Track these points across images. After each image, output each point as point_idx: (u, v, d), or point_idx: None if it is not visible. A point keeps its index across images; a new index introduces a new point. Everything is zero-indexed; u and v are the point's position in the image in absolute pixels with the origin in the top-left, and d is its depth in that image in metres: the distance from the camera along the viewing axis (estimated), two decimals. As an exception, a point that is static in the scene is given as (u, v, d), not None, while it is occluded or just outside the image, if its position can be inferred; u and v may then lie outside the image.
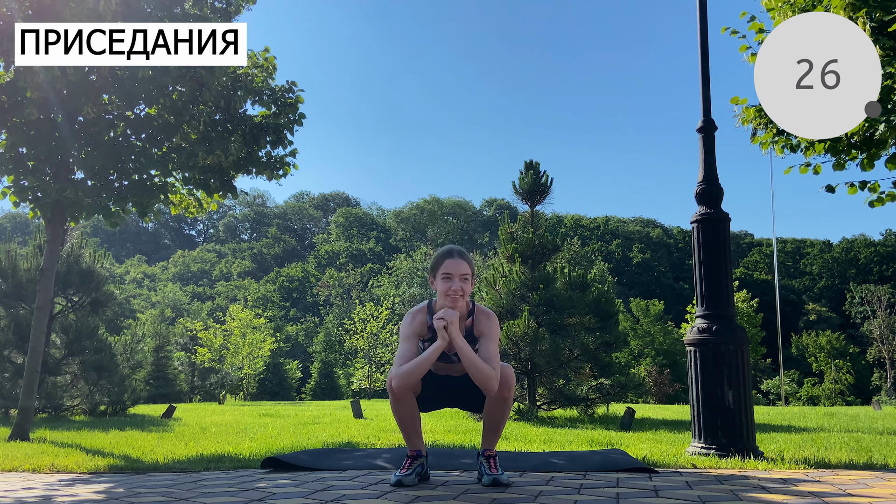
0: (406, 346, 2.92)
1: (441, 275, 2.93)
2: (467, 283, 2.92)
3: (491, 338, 2.93)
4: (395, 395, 2.88)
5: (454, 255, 2.95)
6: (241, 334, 32.08)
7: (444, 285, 2.92)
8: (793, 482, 3.03)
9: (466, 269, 2.92)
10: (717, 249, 4.29)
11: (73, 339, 10.34)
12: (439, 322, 2.83)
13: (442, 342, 2.83)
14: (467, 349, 2.83)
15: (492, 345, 2.91)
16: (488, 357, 2.86)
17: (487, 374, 2.80)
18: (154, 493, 2.83)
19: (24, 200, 6.08)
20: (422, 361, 2.83)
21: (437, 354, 2.85)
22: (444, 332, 2.82)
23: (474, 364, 2.80)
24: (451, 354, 2.97)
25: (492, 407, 2.93)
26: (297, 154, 6.75)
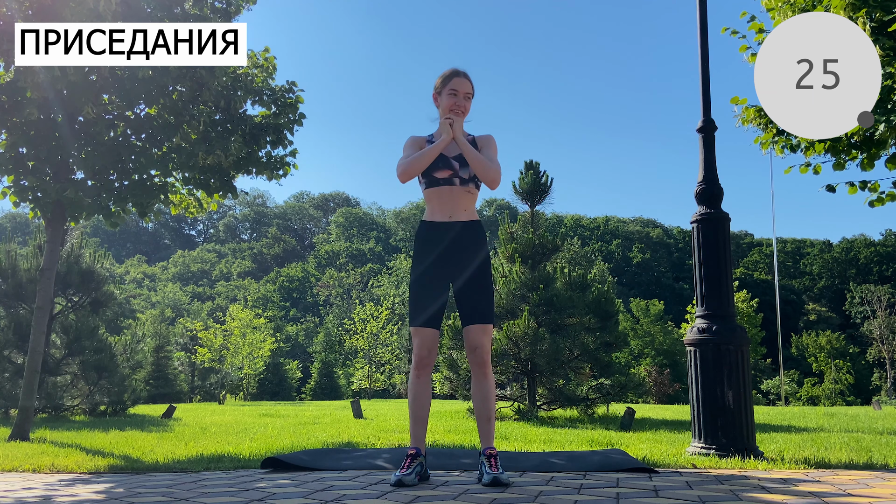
0: (408, 151, 3.11)
1: (448, 91, 3.10)
2: (469, 102, 3.12)
3: (490, 147, 3.13)
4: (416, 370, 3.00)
5: (461, 74, 3.11)
6: (241, 334, 32.10)
7: (449, 100, 3.09)
8: (793, 482, 3.03)
9: (470, 88, 3.12)
10: (717, 249, 4.29)
11: (73, 339, 10.34)
12: (446, 120, 3.03)
13: (447, 136, 3.02)
14: (469, 146, 3.03)
15: (492, 151, 3.12)
16: (489, 158, 3.07)
17: (490, 167, 3.01)
18: (154, 493, 2.83)
19: (24, 200, 6.08)
20: (427, 151, 3.02)
21: (441, 148, 3.02)
22: (448, 127, 3.02)
23: (477, 157, 3.01)
24: (452, 159, 3.08)
25: (478, 392, 3.03)
26: (297, 154, 6.75)
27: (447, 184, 3.07)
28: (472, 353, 3.02)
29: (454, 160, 3.07)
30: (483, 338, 3.01)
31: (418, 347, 3.01)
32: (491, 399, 3.02)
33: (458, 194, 3.08)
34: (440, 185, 3.07)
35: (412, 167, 3.01)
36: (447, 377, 9.94)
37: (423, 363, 3.00)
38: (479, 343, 3.00)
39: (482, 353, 3.00)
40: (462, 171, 3.06)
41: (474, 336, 3.01)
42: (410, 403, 3.04)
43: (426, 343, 3.00)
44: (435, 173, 3.06)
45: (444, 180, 3.06)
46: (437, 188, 3.08)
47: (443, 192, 3.08)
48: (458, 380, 9.68)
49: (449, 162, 3.06)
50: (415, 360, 3.02)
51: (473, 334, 3.01)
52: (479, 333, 3.01)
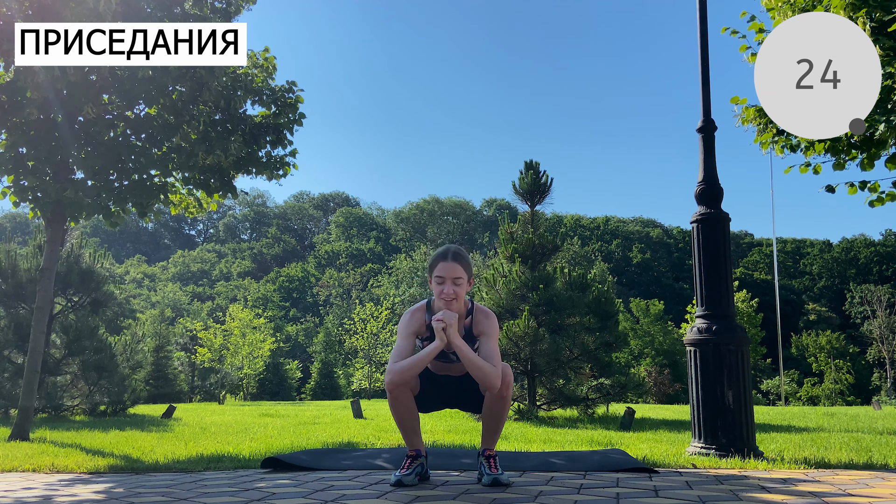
0: (403, 343, 2.92)
1: (434, 277, 2.92)
2: (461, 287, 2.89)
3: (490, 336, 2.93)
4: (391, 393, 2.87)
5: (448, 257, 2.91)
6: (241, 334, 32.10)
7: (436, 289, 2.90)
8: (793, 482, 3.03)
9: (460, 272, 2.88)
10: (717, 249, 4.29)
11: (73, 339, 10.33)
12: (438, 324, 2.81)
13: (440, 343, 2.82)
14: (466, 349, 2.82)
15: (492, 343, 2.91)
16: (489, 355, 2.86)
17: (488, 372, 2.78)
18: (154, 493, 2.83)
19: (24, 200, 6.08)
20: (418, 360, 2.83)
21: (434, 354, 2.84)
22: (442, 333, 2.80)
23: (474, 363, 2.80)
24: (450, 353, 2.97)
25: (491, 406, 2.93)
26: (297, 154, 6.75)
27: (445, 363, 3.04)
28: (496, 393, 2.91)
29: (452, 354, 2.97)
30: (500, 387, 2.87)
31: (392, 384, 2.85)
32: (505, 415, 2.95)
33: (455, 366, 3.03)
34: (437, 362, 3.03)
35: (403, 378, 2.82)
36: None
37: (401, 390, 2.88)
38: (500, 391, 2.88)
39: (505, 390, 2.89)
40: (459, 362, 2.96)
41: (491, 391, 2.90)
42: (399, 422, 2.95)
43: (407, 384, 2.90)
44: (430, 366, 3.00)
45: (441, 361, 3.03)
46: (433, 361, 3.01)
47: (440, 364, 3.05)
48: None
49: (447, 357, 2.99)
50: (391, 388, 2.85)
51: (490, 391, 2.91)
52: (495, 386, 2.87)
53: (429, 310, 3.02)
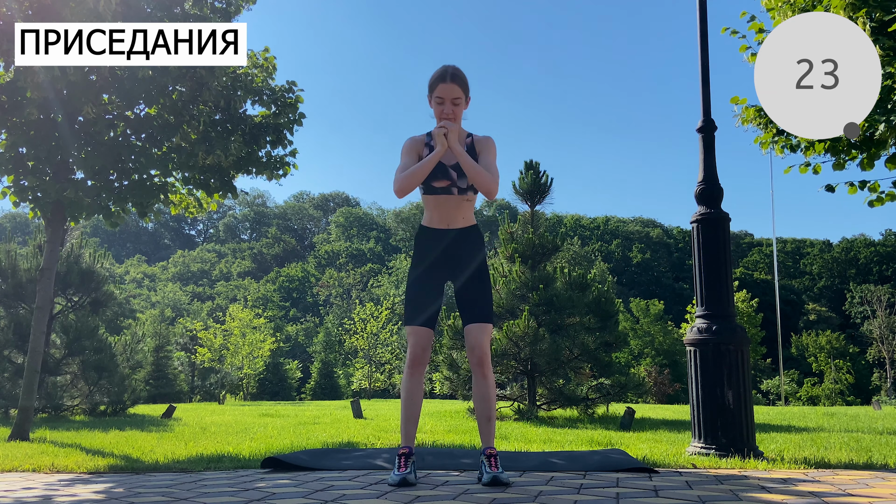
0: (406, 160, 3.04)
1: (434, 99, 3.04)
2: (459, 107, 3.03)
3: (489, 152, 3.06)
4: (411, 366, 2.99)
5: (447, 78, 3.00)
6: (241, 334, 32.11)
7: (436, 109, 3.04)
8: (793, 482, 3.03)
9: (458, 92, 3.01)
10: (717, 249, 4.29)
11: (73, 339, 10.34)
12: (440, 129, 2.93)
13: (441, 147, 2.93)
14: (465, 155, 2.94)
15: (491, 157, 3.04)
16: (487, 166, 2.99)
17: (487, 177, 2.94)
18: (154, 493, 2.83)
19: (24, 200, 6.08)
20: (421, 165, 2.94)
21: (436, 160, 2.95)
22: (443, 138, 2.92)
23: (473, 167, 2.93)
24: (450, 168, 3.03)
25: (477, 392, 3.01)
26: (296, 154, 6.75)
27: (445, 193, 3.05)
28: (471, 353, 3.02)
29: (452, 169, 3.03)
30: (482, 337, 3.01)
31: (413, 346, 3.01)
32: (491, 399, 3.02)
33: (455, 203, 3.07)
34: (438, 194, 3.06)
35: (408, 183, 2.95)
36: (447, 377, 9.93)
37: (418, 362, 3.01)
38: (478, 342, 2.99)
39: (481, 352, 2.99)
40: (460, 181, 3.03)
41: (473, 335, 3.01)
42: (404, 402, 3.04)
43: (421, 342, 3.01)
44: (433, 182, 3.03)
45: (441, 189, 3.04)
46: (434, 196, 3.07)
47: (440, 200, 3.07)
48: (458, 380, 9.68)
49: (447, 171, 3.03)
50: (409, 358, 3.03)
51: (472, 333, 3.02)
52: (478, 333, 3.01)
53: (428, 136, 3.13)
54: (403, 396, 3.04)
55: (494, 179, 2.96)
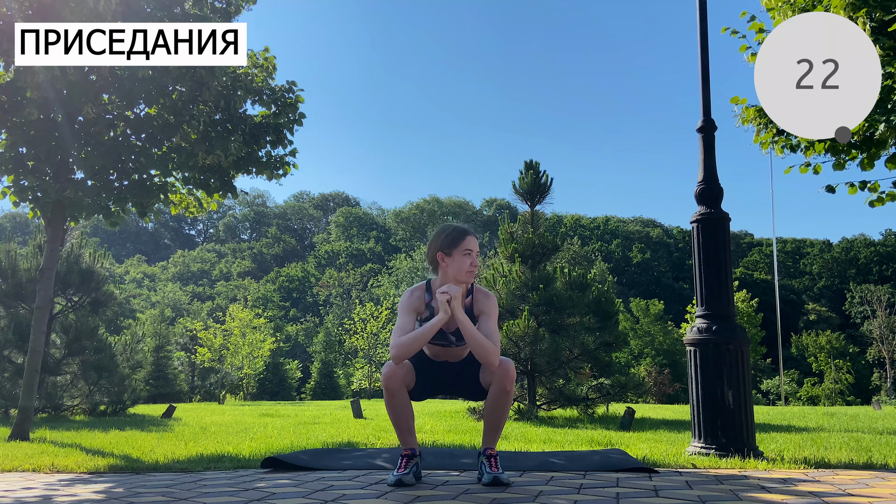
0: (405, 319, 2.96)
1: (462, 251, 2.97)
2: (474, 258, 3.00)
3: (490, 315, 2.99)
4: (389, 383, 2.87)
5: (470, 231, 3.03)
6: (241, 334, 32.09)
7: (465, 260, 2.96)
8: (793, 482, 3.03)
9: (476, 244, 3.03)
10: (717, 249, 4.29)
11: (73, 339, 10.34)
12: (443, 296, 2.85)
13: (444, 315, 2.85)
14: (469, 323, 2.86)
15: (491, 322, 2.96)
16: (488, 333, 2.91)
17: (488, 347, 2.84)
18: (154, 493, 2.83)
19: (24, 200, 6.08)
20: (421, 333, 2.86)
21: (438, 328, 2.87)
22: (446, 305, 2.85)
23: (475, 338, 2.84)
24: (450, 334, 2.99)
25: (493, 402, 2.92)
26: (296, 154, 6.75)
27: (443, 345, 3.05)
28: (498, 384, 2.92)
29: (451, 335, 3.00)
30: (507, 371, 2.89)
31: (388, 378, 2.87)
32: (506, 411, 2.96)
33: (453, 351, 3.06)
34: (435, 345, 3.05)
35: (407, 351, 2.84)
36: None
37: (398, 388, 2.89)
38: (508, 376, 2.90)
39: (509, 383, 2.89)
40: (459, 342, 3.01)
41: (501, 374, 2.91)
42: (394, 419, 2.95)
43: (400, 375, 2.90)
44: (431, 342, 3.01)
45: (440, 343, 3.04)
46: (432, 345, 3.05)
47: (438, 349, 3.07)
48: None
49: (446, 336, 3.00)
50: (389, 385, 2.88)
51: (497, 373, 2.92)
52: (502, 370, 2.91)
53: (428, 290, 3.05)
54: (391, 416, 2.95)
55: (495, 350, 2.84)
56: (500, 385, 2.88)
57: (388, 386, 2.88)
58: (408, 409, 2.95)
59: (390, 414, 2.95)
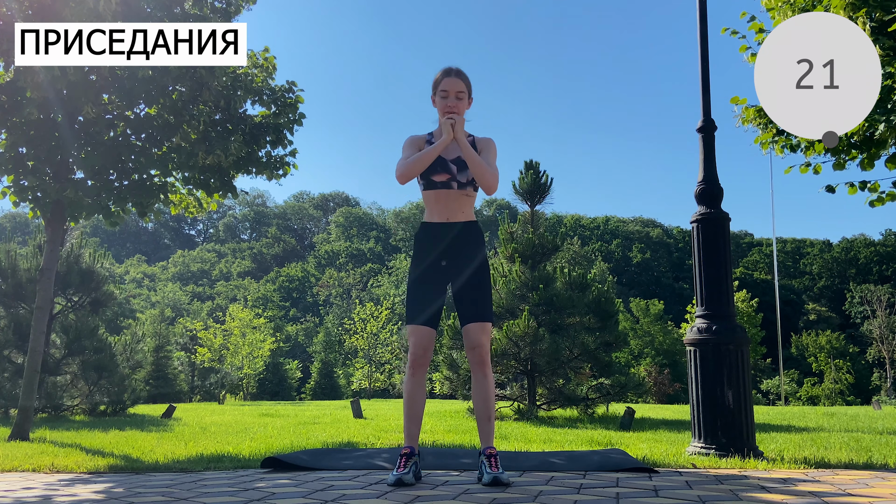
0: (408, 152, 3.10)
1: (439, 92, 3.10)
2: (462, 101, 3.09)
3: (490, 152, 3.13)
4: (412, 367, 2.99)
5: (451, 73, 3.10)
6: (241, 334, 32.08)
7: (440, 102, 3.10)
8: (793, 482, 3.03)
9: (462, 87, 3.09)
10: (717, 249, 4.29)
11: (73, 339, 10.33)
12: (447, 119, 3.00)
13: (447, 136, 2.99)
14: (469, 147, 3.00)
15: (491, 156, 3.12)
16: (489, 163, 3.06)
17: (489, 172, 3.00)
18: (154, 493, 2.83)
19: (24, 200, 6.08)
20: (425, 153, 3.00)
21: (440, 149, 3.00)
22: (450, 127, 2.98)
23: (476, 159, 2.99)
24: (450, 162, 3.08)
25: (477, 391, 3.02)
26: (296, 154, 6.75)
27: (445, 187, 3.08)
28: (471, 352, 3.03)
29: (452, 163, 3.07)
30: (482, 336, 3.01)
31: (414, 346, 3.01)
32: (491, 399, 3.02)
33: (455, 197, 3.10)
34: (438, 188, 3.09)
35: (411, 169, 3.00)
36: (447, 377, 9.94)
37: (419, 362, 3.01)
38: (478, 342, 3.00)
39: (481, 351, 3.00)
40: (460, 175, 3.07)
41: (473, 334, 3.02)
42: (406, 402, 3.05)
43: (422, 342, 3.01)
44: (433, 176, 3.07)
45: (441, 183, 3.07)
46: (434, 191, 3.10)
47: (440, 195, 3.10)
48: (458, 380, 9.68)
49: (447, 165, 3.06)
50: (411, 358, 3.02)
51: (472, 332, 3.02)
52: (477, 332, 3.01)
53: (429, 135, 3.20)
54: (405, 397, 3.05)
55: (495, 175, 3.03)
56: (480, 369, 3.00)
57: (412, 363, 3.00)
58: (421, 398, 3.05)
59: (406, 394, 3.05)
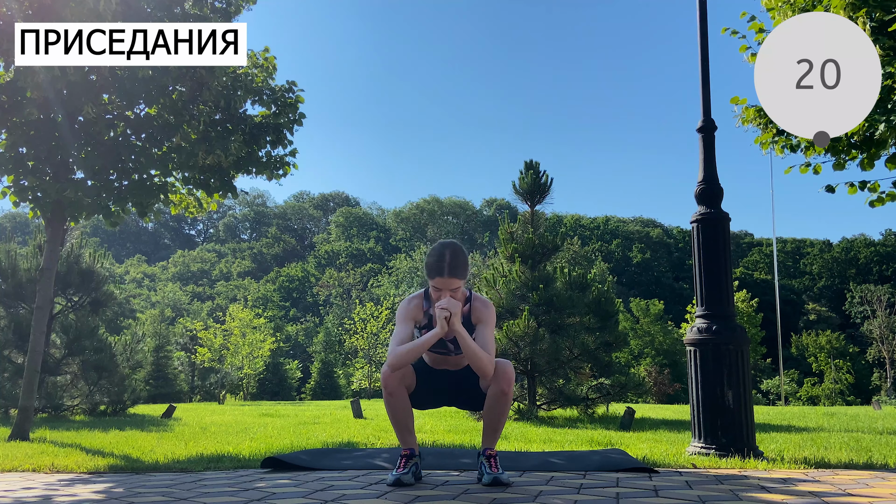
0: (402, 328, 2.96)
1: (432, 286, 2.95)
2: (457, 293, 2.92)
3: (487, 324, 2.98)
4: (388, 385, 2.89)
5: (444, 272, 2.89)
6: (241, 334, 32.09)
7: (434, 294, 2.96)
8: (793, 482, 3.03)
9: (456, 283, 2.91)
10: (717, 249, 4.29)
11: (73, 339, 10.33)
12: (442, 312, 2.83)
13: (440, 331, 2.84)
14: (467, 337, 2.85)
15: (488, 331, 2.96)
16: (485, 343, 2.91)
17: (484, 359, 2.84)
18: (154, 493, 2.83)
19: (24, 200, 6.08)
20: (418, 345, 2.86)
21: (434, 341, 2.87)
22: (444, 322, 2.82)
23: (472, 349, 2.84)
24: (448, 342, 2.99)
25: (491, 404, 2.93)
26: (296, 154, 6.75)
27: (444, 354, 3.06)
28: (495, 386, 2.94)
29: (450, 342, 3.01)
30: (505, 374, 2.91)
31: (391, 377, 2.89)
32: (505, 415, 2.96)
33: (454, 360, 3.08)
34: (435, 353, 3.07)
35: (405, 361, 2.86)
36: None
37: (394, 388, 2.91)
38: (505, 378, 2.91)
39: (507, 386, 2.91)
40: (457, 350, 3.01)
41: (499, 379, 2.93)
42: (393, 418, 2.96)
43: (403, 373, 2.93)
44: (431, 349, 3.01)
45: (440, 351, 3.05)
46: (431, 354, 3.08)
47: (438, 358, 3.09)
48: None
49: (444, 344, 3.01)
50: (389, 382, 2.89)
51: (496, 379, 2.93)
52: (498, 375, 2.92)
53: (426, 298, 3.04)
54: (390, 414, 2.96)
55: (491, 360, 2.86)
56: (498, 387, 2.88)
57: (387, 385, 2.88)
58: (407, 408, 2.96)
59: (389, 413, 2.95)
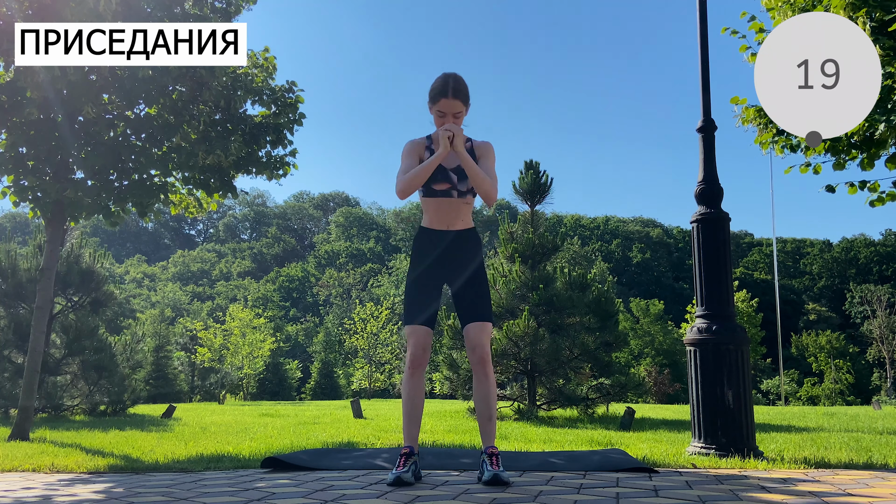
0: (407, 162, 3.07)
1: (435, 112, 3.07)
2: (459, 118, 3.06)
3: (489, 158, 3.11)
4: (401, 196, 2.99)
5: (448, 93, 3.02)
6: (241, 334, 32.11)
7: (437, 120, 3.08)
8: (793, 482, 3.03)
9: (460, 106, 3.04)
10: (717, 249, 4.29)
11: (73, 339, 10.33)
12: (445, 132, 2.93)
13: (444, 150, 2.94)
14: (468, 157, 2.97)
15: (490, 163, 3.10)
16: (487, 171, 3.05)
17: (488, 182, 2.98)
18: (154, 493, 2.83)
19: (24, 200, 6.08)
20: (423, 167, 2.97)
21: (438, 162, 2.97)
22: (447, 141, 2.93)
23: (476, 170, 2.97)
24: (451, 171, 3.06)
25: (479, 391, 3.01)
26: (296, 154, 6.75)
27: (445, 195, 3.09)
28: (472, 352, 3.03)
29: (452, 172, 3.06)
30: (482, 336, 3.02)
31: (413, 346, 3.02)
32: (492, 398, 3.02)
33: (455, 205, 3.11)
34: (438, 197, 3.09)
35: (410, 184, 2.98)
36: (447, 377, 9.94)
37: (418, 362, 3.02)
38: (479, 341, 3.00)
39: (481, 351, 3.00)
40: (460, 184, 3.07)
41: (474, 334, 3.02)
42: (405, 402, 3.05)
43: (420, 342, 3.01)
44: (433, 185, 3.07)
45: (442, 192, 3.08)
46: (434, 199, 3.10)
47: (441, 203, 3.11)
48: (458, 380, 9.68)
49: (447, 174, 3.06)
50: (409, 359, 3.03)
51: (473, 332, 3.03)
52: (478, 332, 3.02)
53: (430, 139, 3.15)
54: (404, 397, 3.06)
55: (495, 185, 3.02)
56: (482, 368, 2.99)
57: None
58: (420, 398, 3.05)
59: (405, 395, 3.04)
